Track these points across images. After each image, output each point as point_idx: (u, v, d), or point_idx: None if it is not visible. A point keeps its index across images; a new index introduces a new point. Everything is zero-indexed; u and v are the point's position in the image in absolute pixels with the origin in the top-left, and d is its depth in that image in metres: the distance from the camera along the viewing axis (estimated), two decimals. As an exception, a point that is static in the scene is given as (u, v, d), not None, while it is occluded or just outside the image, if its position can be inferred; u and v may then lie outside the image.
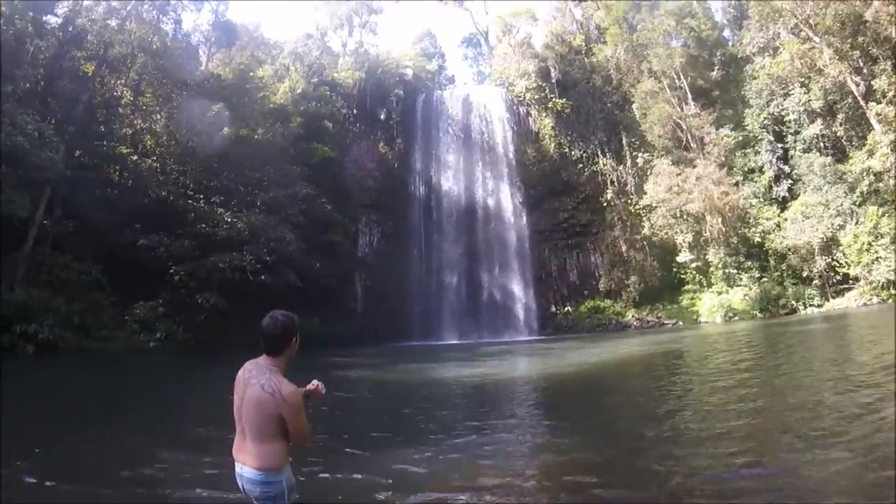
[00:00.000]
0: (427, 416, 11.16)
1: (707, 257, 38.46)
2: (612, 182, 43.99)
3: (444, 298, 44.36)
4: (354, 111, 48.68)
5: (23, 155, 23.28)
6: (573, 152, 45.49)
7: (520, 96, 48.06)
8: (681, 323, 38.23)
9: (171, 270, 29.23)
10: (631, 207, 42.73)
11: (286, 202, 35.02)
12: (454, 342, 39.56)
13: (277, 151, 38.30)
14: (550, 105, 46.23)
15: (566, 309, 43.37)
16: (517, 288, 44.64)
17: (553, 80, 46.44)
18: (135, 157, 34.20)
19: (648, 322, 39.40)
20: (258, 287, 29.83)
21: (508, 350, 30.24)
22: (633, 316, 40.26)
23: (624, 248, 42.23)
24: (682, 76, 42.05)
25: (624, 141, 44.30)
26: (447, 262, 45.58)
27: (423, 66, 55.14)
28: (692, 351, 22.13)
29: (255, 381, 3.51)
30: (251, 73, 41.41)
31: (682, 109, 41.41)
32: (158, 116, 37.94)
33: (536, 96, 47.09)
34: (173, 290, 29.46)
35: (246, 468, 3.56)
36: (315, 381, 3.81)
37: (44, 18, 30.49)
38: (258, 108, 39.93)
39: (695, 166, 38.73)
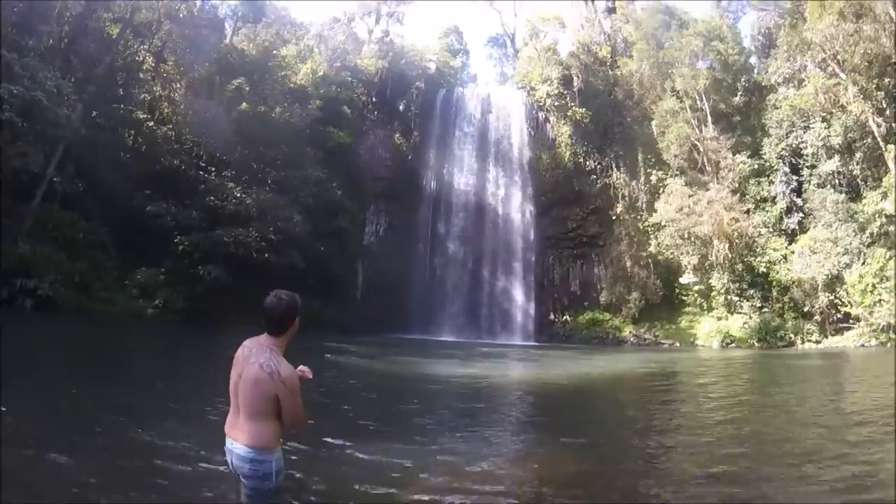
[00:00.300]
0: (413, 412, 11.15)
1: (710, 281, 38.31)
2: (623, 196, 43.79)
3: (445, 295, 44.22)
4: (374, 99, 48.46)
5: (40, 110, 23.20)
6: (588, 163, 45.32)
7: (540, 101, 47.82)
8: (677, 344, 38.14)
9: (176, 240, 29.31)
10: (640, 224, 42.50)
11: (298, 183, 35.04)
12: (450, 339, 39.42)
13: (293, 132, 38.21)
14: (570, 113, 45.98)
15: (565, 318, 43.22)
16: (518, 292, 44.53)
17: (575, 89, 46.17)
18: (151, 124, 34.13)
19: (645, 340, 39.29)
20: (261, 265, 29.90)
21: (503, 353, 30.21)
22: (630, 332, 40.12)
23: (628, 264, 42.01)
24: (704, 98, 41.80)
25: (639, 157, 44.01)
26: (451, 259, 45.48)
27: (447, 62, 54.98)
28: (688, 375, 21.99)
29: (255, 359, 3.54)
30: (274, 52, 41.25)
31: (700, 131, 41.18)
32: (178, 85, 37.82)
33: (557, 103, 46.84)
34: (176, 259, 29.48)
35: (237, 445, 3.60)
36: (302, 367, 3.83)
37: (73, -23, 30.54)
38: (278, 86, 39.76)
39: (707, 189, 38.58)
